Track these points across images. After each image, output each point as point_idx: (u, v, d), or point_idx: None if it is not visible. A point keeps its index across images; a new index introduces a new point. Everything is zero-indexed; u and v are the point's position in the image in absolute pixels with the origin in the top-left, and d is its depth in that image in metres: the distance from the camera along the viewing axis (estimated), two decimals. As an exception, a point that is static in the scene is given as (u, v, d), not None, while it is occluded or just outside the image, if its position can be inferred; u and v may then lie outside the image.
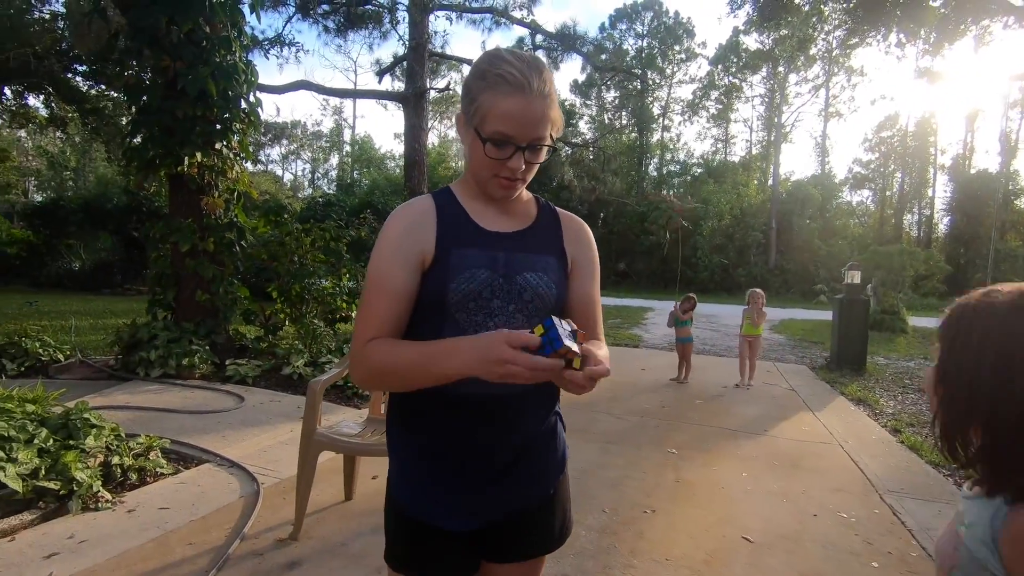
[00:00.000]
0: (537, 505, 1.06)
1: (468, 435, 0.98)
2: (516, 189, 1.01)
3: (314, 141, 48.53)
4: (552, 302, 1.02)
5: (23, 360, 5.03)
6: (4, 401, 3.03)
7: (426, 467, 1.00)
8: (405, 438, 1.03)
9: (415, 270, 0.97)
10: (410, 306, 0.97)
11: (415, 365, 0.88)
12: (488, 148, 0.94)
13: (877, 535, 2.78)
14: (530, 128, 0.93)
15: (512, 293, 0.98)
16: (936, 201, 35.48)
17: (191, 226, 5.23)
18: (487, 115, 0.93)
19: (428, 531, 0.99)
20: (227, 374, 5.04)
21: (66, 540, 2.33)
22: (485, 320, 0.97)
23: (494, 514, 1.02)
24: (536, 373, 0.78)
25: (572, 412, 4.89)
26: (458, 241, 0.98)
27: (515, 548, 1.07)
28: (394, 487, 1.03)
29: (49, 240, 16.12)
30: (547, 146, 0.98)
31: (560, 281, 1.04)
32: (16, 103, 17.16)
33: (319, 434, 2.49)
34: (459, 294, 0.95)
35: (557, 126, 0.98)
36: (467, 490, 1.00)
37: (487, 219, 1.02)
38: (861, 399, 5.90)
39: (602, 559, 2.41)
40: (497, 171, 0.97)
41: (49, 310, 10.18)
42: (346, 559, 2.30)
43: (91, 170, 32.62)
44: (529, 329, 0.96)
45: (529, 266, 1.01)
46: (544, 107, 0.93)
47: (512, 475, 1.02)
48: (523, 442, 1.02)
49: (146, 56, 4.92)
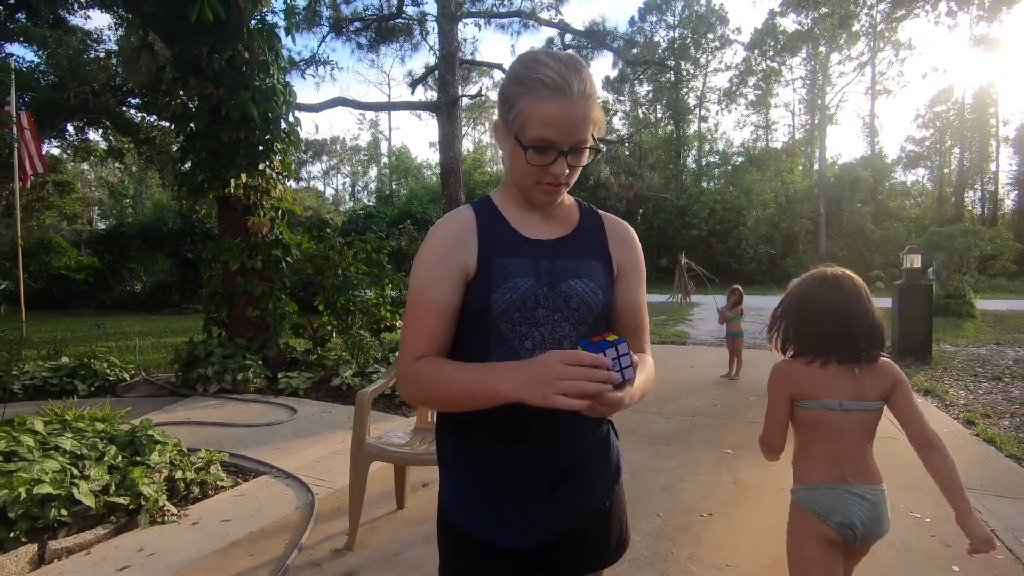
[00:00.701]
0: (593, 519, 1.03)
1: (520, 449, 0.96)
2: (560, 194, 0.98)
3: (353, 155, 49.81)
4: (599, 309, 0.99)
5: (93, 380, 5.32)
6: (76, 420, 3.21)
7: (478, 482, 0.98)
8: (456, 452, 1.01)
9: (458, 284, 0.95)
10: (455, 320, 0.96)
11: (462, 388, 0.87)
12: (530, 155, 0.92)
13: (956, 536, 2.58)
14: (572, 131, 0.91)
15: (557, 301, 0.96)
16: (1000, 176, 33.40)
17: (239, 245, 5.42)
18: (527, 121, 0.91)
19: (483, 547, 0.97)
20: (279, 387, 5.19)
21: (136, 553, 2.43)
22: (531, 330, 0.95)
23: (550, 530, 0.99)
24: (589, 387, 0.76)
25: (621, 414, 4.77)
26: (500, 251, 0.96)
27: (572, 563, 1.04)
28: (447, 502, 1.01)
29: (113, 265, 17.10)
30: (590, 148, 0.94)
31: (606, 287, 1.01)
32: (78, 138, 18.32)
33: (369, 445, 2.52)
34: (503, 304, 0.93)
35: (599, 126, 0.95)
36: (521, 505, 0.97)
37: (529, 227, 1.00)
38: (929, 390, 5.57)
39: (659, 566, 2.34)
40: (540, 178, 0.94)
41: (115, 331, 10.76)
42: (401, 568, 2.31)
43: (147, 196, 34.47)
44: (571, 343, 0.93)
45: (574, 273, 0.98)
46: (586, 109, 0.91)
47: (567, 488, 0.99)
48: (576, 454, 1.00)
49: (191, 85, 5.13)
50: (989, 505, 2.92)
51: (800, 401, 1.49)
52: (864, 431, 1.47)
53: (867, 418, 1.47)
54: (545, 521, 0.98)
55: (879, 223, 27.73)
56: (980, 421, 4.49)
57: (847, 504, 1.44)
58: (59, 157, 21.62)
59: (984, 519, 2.76)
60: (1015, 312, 13.28)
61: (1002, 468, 3.51)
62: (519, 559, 0.98)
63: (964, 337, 9.34)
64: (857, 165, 31.04)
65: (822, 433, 1.48)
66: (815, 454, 1.49)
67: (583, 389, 0.76)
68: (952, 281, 13.71)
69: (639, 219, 30.46)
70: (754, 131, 38.42)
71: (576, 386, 0.76)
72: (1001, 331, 10.19)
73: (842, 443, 1.46)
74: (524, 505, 0.97)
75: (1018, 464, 3.59)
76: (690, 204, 29.07)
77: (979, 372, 6.50)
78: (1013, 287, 21.91)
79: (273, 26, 5.49)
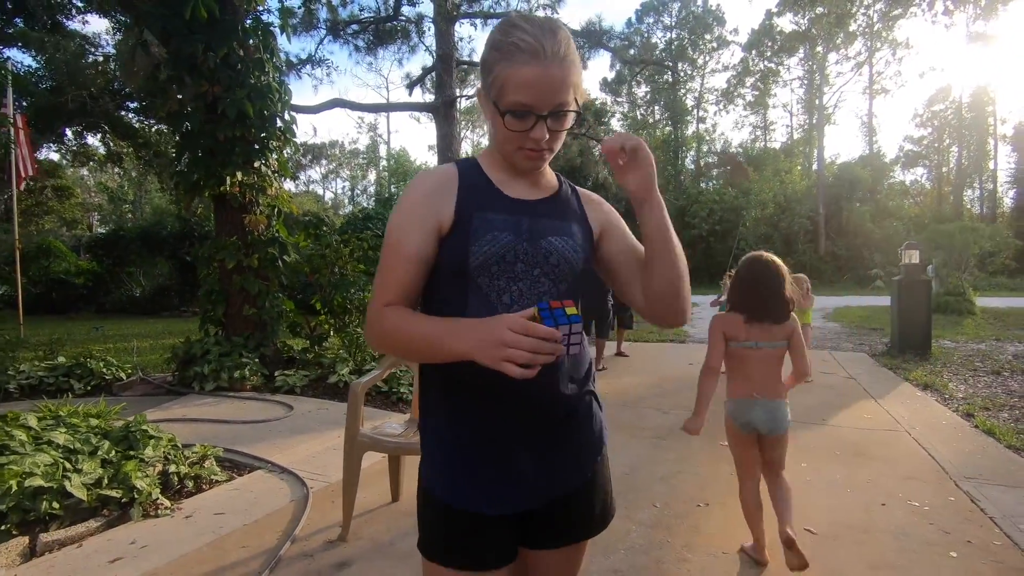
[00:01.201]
0: (577, 488, 1.02)
1: (502, 417, 0.95)
2: (544, 159, 0.98)
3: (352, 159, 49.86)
4: (578, 267, 0.99)
5: (89, 380, 5.30)
6: (70, 416, 3.20)
7: (459, 451, 0.97)
8: (436, 422, 1.00)
9: (432, 235, 0.95)
10: (426, 270, 0.96)
11: (422, 340, 0.88)
12: (508, 120, 0.92)
13: (955, 524, 2.58)
14: (549, 95, 0.90)
15: (537, 257, 0.96)
16: (999, 174, 33.40)
17: (236, 243, 5.41)
18: (504, 86, 0.90)
19: (466, 518, 0.95)
20: (276, 385, 5.17)
21: (129, 545, 2.41)
22: (508, 284, 0.94)
23: (534, 497, 0.98)
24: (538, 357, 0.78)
25: (620, 409, 4.79)
26: (480, 206, 0.96)
27: (555, 533, 1.02)
28: (428, 475, 1.00)
29: (112, 269, 17.10)
30: (571, 111, 0.94)
31: (585, 247, 1.02)
32: (77, 143, 18.34)
33: (362, 435, 2.50)
34: (481, 257, 0.93)
35: (580, 90, 0.95)
36: (504, 472, 0.96)
37: (511, 188, 1.01)
38: (928, 384, 5.55)
39: (654, 554, 2.32)
40: (521, 143, 0.94)
41: (113, 334, 10.75)
42: (395, 558, 2.29)
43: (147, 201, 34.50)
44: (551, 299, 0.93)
45: (554, 231, 0.99)
46: (562, 71, 0.90)
47: (550, 456, 0.98)
48: (559, 421, 0.98)
49: (187, 83, 5.13)
50: (988, 494, 2.90)
51: (730, 341, 2.22)
52: (772, 362, 2.21)
53: (773, 353, 2.21)
54: (529, 488, 0.97)
55: (878, 222, 27.71)
56: (979, 413, 4.47)
57: (750, 412, 2.20)
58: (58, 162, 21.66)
59: (983, 507, 2.75)
60: (1015, 309, 13.26)
61: (1001, 458, 3.49)
62: (500, 528, 0.97)
63: (964, 334, 9.32)
64: (856, 164, 31.06)
65: (741, 363, 2.24)
66: (736, 378, 2.27)
67: (530, 360, 0.78)
68: (951, 278, 13.68)
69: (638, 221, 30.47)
70: (752, 131, 38.52)
71: (523, 356, 0.77)
72: (1001, 328, 10.16)
73: (753, 370, 2.21)
74: (507, 472, 0.96)
75: (1017, 454, 3.57)
76: (689, 204, 29.08)
77: (978, 367, 6.48)
78: (1013, 285, 21.90)
79: (268, 24, 5.49)
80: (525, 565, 1.06)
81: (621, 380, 6.00)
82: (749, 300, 2.20)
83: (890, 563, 2.24)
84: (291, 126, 5.79)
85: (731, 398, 2.27)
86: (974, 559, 2.26)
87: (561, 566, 1.06)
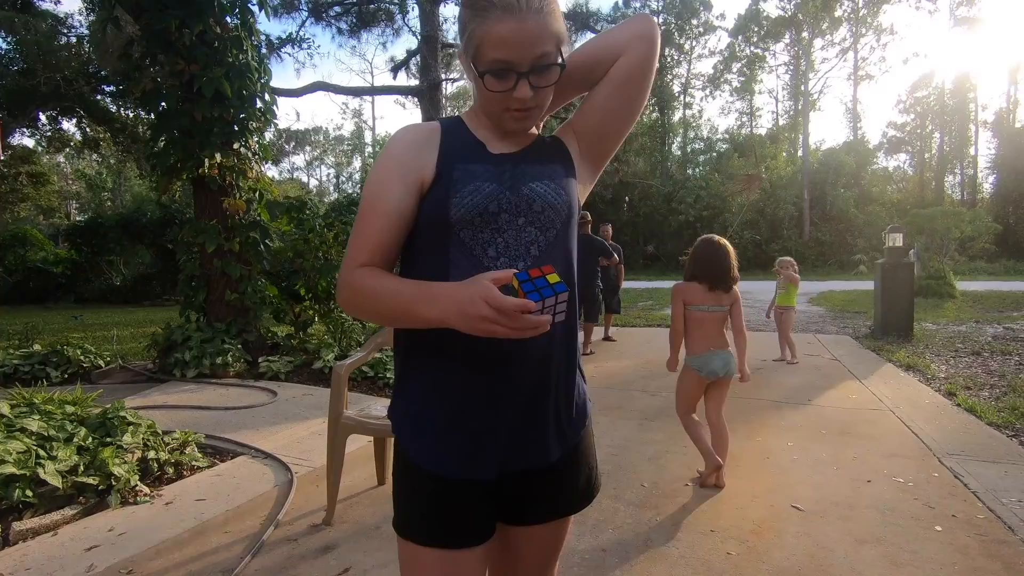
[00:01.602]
0: (559, 459, 0.97)
1: (479, 381, 0.90)
2: (531, 119, 0.93)
3: (336, 146, 49.21)
4: (565, 211, 0.94)
5: (66, 368, 5.18)
6: (45, 404, 3.10)
7: (435, 417, 0.91)
8: (413, 385, 0.94)
9: (412, 190, 0.90)
10: (405, 228, 0.91)
11: (395, 305, 0.83)
12: (488, 81, 0.86)
13: (939, 499, 2.60)
14: (528, 49, 0.84)
15: (521, 205, 0.91)
16: (979, 160, 33.85)
17: (216, 227, 5.28)
18: (481, 45, 0.85)
19: (440, 486, 0.90)
20: (260, 371, 5.09)
21: (106, 533, 2.35)
22: (493, 236, 0.89)
23: (516, 461, 0.93)
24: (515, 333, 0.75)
25: (608, 392, 4.79)
26: (462, 158, 0.92)
27: (539, 508, 0.98)
28: (409, 444, 0.93)
29: (91, 258, 16.74)
30: (554, 64, 0.88)
31: (569, 187, 0.97)
32: (52, 128, 17.84)
33: (346, 417, 2.46)
34: (463, 208, 0.88)
35: (563, 38, 0.89)
36: (480, 438, 0.91)
37: (494, 144, 0.96)
38: (911, 365, 5.62)
39: (643, 533, 2.31)
40: (506, 104, 0.89)
41: (93, 323, 10.54)
42: (380, 540, 2.26)
43: (127, 189, 33.81)
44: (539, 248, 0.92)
45: (535, 175, 0.94)
46: (540, 23, 0.84)
47: (529, 421, 0.93)
48: (540, 390, 0.93)
49: (161, 61, 4.96)
50: (971, 469, 2.94)
51: (688, 306, 2.80)
52: (720, 322, 2.81)
53: (721, 315, 2.80)
54: (512, 453, 0.93)
55: (862, 208, 28.00)
56: (961, 392, 4.53)
57: (712, 362, 2.77)
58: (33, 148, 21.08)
59: (966, 482, 2.78)
60: (994, 292, 13.50)
61: (983, 435, 3.53)
62: (481, 503, 0.92)
63: (945, 316, 9.46)
64: (840, 150, 31.28)
65: (698, 325, 2.80)
66: (695, 338, 2.81)
67: (508, 336, 0.75)
68: (933, 262, 13.87)
69: (625, 206, 30.48)
70: (739, 117, 38.53)
71: (501, 332, 0.75)
72: (981, 310, 10.34)
73: (709, 329, 2.79)
74: (484, 437, 0.91)
75: (997, 431, 3.62)
76: (676, 191, 29.13)
77: (959, 348, 6.58)
78: (991, 269, 22.30)
79: (246, 0, 5.32)
80: (508, 543, 1.01)
81: (608, 364, 5.99)
82: (705, 273, 2.76)
83: (876, 537, 2.25)
84: (271, 107, 5.64)
85: (693, 355, 2.81)
86: (958, 532, 2.28)
87: (545, 542, 1.02)
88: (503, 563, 1.04)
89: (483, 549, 0.92)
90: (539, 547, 1.02)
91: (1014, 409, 4.01)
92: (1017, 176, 27.28)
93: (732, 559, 2.11)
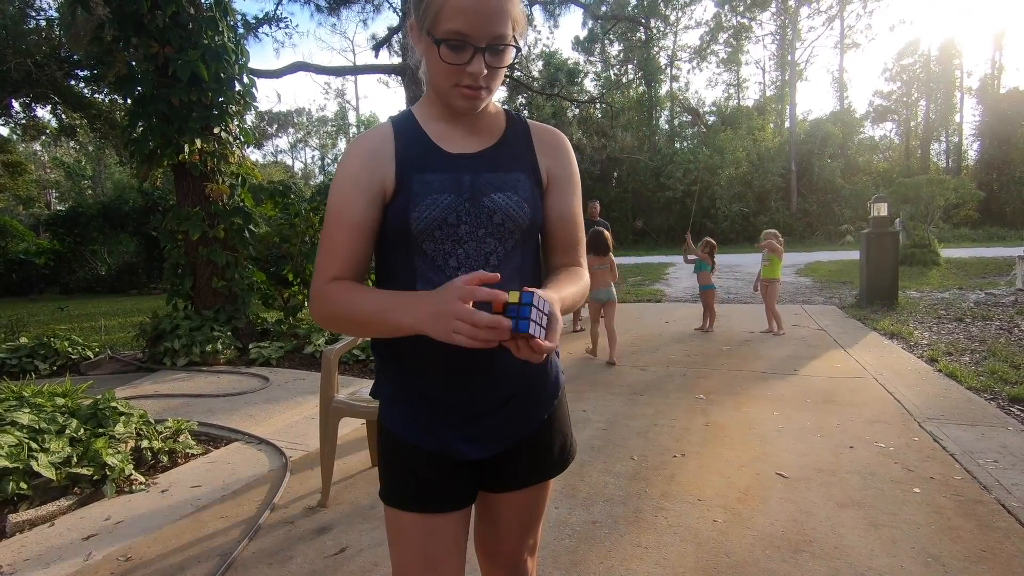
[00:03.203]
0: (534, 430, 1.01)
1: (461, 369, 0.92)
2: (481, 99, 0.90)
3: (320, 127, 48.37)
4: (526, 223, 0.94)
5: (55, 360, 5.15)
6: (34, 396, 3.09)
7: (421, 400, 0.95)
8: (393, 369, 0.97)
9: (375, 200, 0.90)
10: (372, 238, 0.92)
11: (372, 315, 0.83)
12: (443, 51, 0.84)
13: (918, 462, 2.68)
14: (487, 24, 0.83)
15: (481, 217, 0.91)
16: (964, 127, 33.95)
17: (199, 214, 5.22)
18: (439, 13, 0.83)
19: (420, 454, 0.94)
20: (251, 357, 5.10)
21: (103, 522, 2.37)
22: (454, 248, 0.90)
23: (502, 441, 0.97)
24: (476, 339, 0.72)
25: (597, 368, 4.84)
26: (419, 166, 0.91)
27: (515, 475, 1.02)
28: (388, 418, 0.97)
29: (74, 247, 16.49)
30: (509, 46, 0.87)
31: (533, 199, 0.96)
32: (25, 115, 17.38)
33: (338, 401, 2.48)
34: (423, 222, 0.88)
35: (519, 24, 0.88)
36: (473, 421, 0.95)
37: (450, 141, 0.94)
38: (895, 333, 5.73)
39: (632, 504, 2.37)
40: (458, 79, 0.87)
41: (79, 313, 10.44)
42: (375, 521, 2.30)
43: (107, 176, 33.16)
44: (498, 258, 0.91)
45: (497, 186, 0.92)
46: (502, 0, 0.83)
47: (511, 403, 0.96)
48: (521, 379, 0.97)
49: (134, 44, 4.84)
50: (950, 433, 3.02)
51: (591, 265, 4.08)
52: (605, 273, 5.09)
53: (605, 270, 5.12)
54: (500, 432, 0.96)
55: (848, 178, 28.08)
56: (942, 359, 4.64)
57: (599, 293, 5.08)
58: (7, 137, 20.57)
59: (944, 445, 2.86)
60: (977, 259, 13.69)
61: (962, 399, 3.63)
62: (461, 469, 0.96)
63: (929, 284, 9.61)
64: (827, 121, 31.20)
65: (594, 275, 4.80)
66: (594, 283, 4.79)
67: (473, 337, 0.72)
68: (917, 231, 14.01)
69: (613, 182, 30.36)
70: (726, 89, 38.28)
71: (467, 332, 0.72)
72: (964, 277, 10.50)
73: (598, 277, 5.01)
74: (476, 420, 0.95)
75: (976, 395, 3.72)
76: (664, 165, 29.03)
77: (942, 315, 6.70)
78: (975, 236, 22.55)
79: (218, -21, 5.18)
80: (490, 509, 1.06)
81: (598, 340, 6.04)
82: (594, 247, 5.03)
83: (857, 501, 2.32)
84: (251, 90, 5.54)
85: (592, 291, 4.62)
86: (935, 493, 2.36)
87: (525, 508, 1.06)
88: (486, 528, 1.09)
89: (462, 513, 0.96)
90: (519, 512, 1.06)
91: (993, 373, 4.12)
92: (1000, 143, 27.44)
93: (718, 526, 2.17)
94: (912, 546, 1.99)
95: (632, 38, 32.79)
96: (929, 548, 1.98)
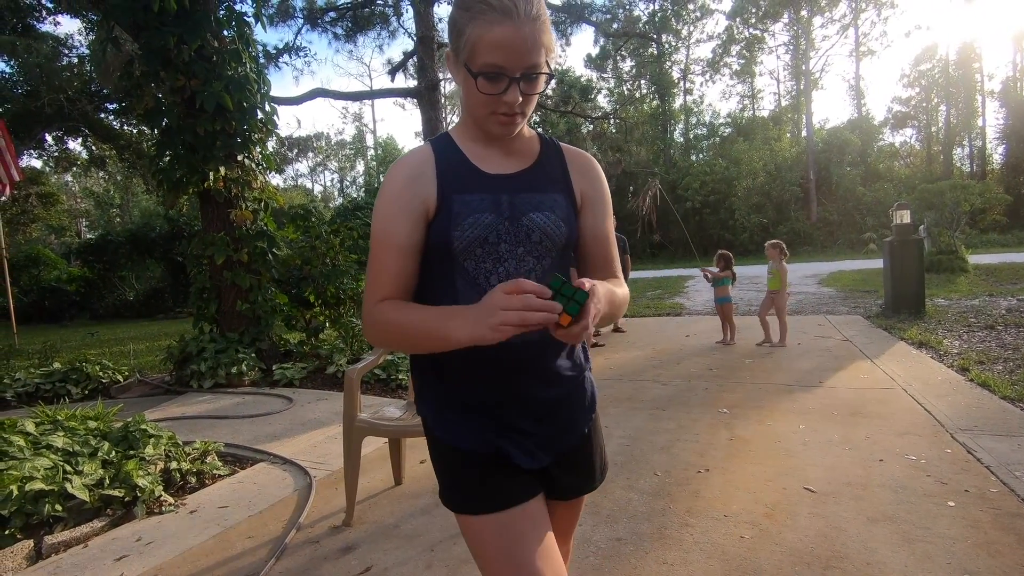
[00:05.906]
0: (574, 445, 1.05)
1: (503, 385, 0.96)
2: (516, 124, 0.95)
3: (339, 151, 49.35)
4: (563, 241, 0.98)
5: (86, 384, 5.29)
6: (68, 420, 3.18)
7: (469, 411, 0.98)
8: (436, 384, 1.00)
9: (419, 222, 0.94)
10: (418, 259, 0.96)
11: (420, 332, 0.87)
12: (481, 83, 0.89)
13: (952, 474, 2.61)
14: (523, 56, 0.87)
15: (520, 235, 0.94)
16: (988, 131, 33.29)
17: (223, 239, 5.36)
18: (476, 47, 0.88)
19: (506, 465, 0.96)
20: (275, 378, 5.17)
21: (134, 543, 2.42)
22: (495, 266, 0.94)
23: (546, 453, 1.00)
24: (527, 319, 0.74)
25: (619, 382, 4.81)
26: (459, 187, 0.95)
27: (561, 487, 1.05)
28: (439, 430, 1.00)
29: (103, 274, 16.98)
30: (543, 74, 0.91)
31: (569, 218, 1.00)
32: (58, 148, 18.08)
33: (361, 420, 2.51)
34: (464, 241, 0.92)
35: (551, 51, 0.93)
36: (512, 429, 0.98)
37: (488, 162, 0.98)
38: (923, 342, 5.60)
39: (657, 521, 2.34)
40: (494, 107, 0.92)
41: (109, 338, 10.70)
42: (400, 539, 2.31)
43: (134, 204, 34.19)
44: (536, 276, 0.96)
45: (535, 206, 0.97)
46: (535, 31, 0.87)
47: (555, 412, 1.01)
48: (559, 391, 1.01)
49: (162, 78, 5.04)
50: (984, 444, 2.94)
51: None
52: None
53: None
54: (548, 442, 1.00)
55: (869, 185, 27.68)
56: (974, 368, 4.51)
57: None
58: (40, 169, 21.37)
59: (979, 457, 2.78)
60: (1007, 264, 13.33)
61: (996, 409, 3.53)
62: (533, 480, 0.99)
63: (957, 291, 9.37)
64: (845, 128, 30.92)
65: None
66: None
67: (523, 319, 0.74)
68: (943, 237, 13.71)
69: (628, 196, 30.34)
70: (740, 101, 38.20)
71: (516, 316, 0.74)
72: (994, 283, 10.22)
73: None
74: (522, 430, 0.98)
75: (1012, 404, 3.61)
76: (680, 178, 28.96)
77: (972, 322, 6.53)
78: (1004, 240, 21.97)
79: (242, 13, 5.38)
80: None
81: (619, 355, 6.02)
82: None
83: (889, 515, 2.27)
84: (272, 117, 5.71)
85: None
86: (971, 507, 2.30)
87: (562, 518, 1.10)
88: None
89: (536, 501, 0.97)
90: (557, 522, 1.08)
91: (1028, 382, 4.00)
92: (1027, 145, 26.84)
93: (745, 542, 2.14)
94: (948, 562, 1.94)
95: (644, 54, 32.99)
96: (966, 564, 1.92)
